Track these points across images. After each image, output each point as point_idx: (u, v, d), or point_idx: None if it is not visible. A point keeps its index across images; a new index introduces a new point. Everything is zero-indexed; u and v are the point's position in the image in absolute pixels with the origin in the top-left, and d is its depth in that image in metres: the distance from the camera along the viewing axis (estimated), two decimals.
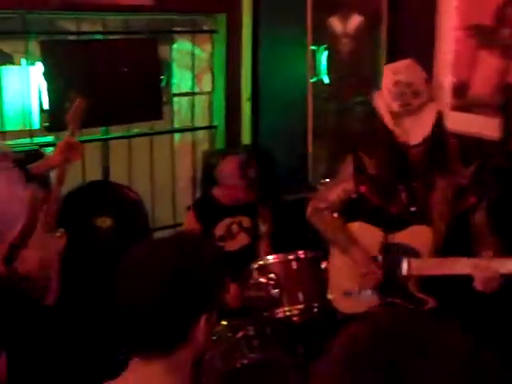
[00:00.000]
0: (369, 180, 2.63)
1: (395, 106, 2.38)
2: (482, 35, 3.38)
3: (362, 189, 2.66)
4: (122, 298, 1.43)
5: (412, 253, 2.53)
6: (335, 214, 2.81)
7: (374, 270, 2.56)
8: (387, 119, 2.40)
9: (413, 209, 2.56)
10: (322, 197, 2.83)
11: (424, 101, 2.36)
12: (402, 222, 2.57)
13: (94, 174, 4.04)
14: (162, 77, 4.28)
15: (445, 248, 2.48)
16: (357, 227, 2.71)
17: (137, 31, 4.18)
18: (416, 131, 2.35)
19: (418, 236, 2.54)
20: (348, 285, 2.68)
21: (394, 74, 2.41)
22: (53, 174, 3.06)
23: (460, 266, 2.37)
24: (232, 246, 3.59)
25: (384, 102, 2.43)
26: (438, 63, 3.55)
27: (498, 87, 3.26)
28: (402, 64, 2.46)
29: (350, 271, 2.66)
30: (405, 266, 2.51)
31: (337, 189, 2.76)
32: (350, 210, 2.78)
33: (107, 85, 3.84)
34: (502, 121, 2.96)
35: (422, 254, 2.53)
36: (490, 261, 2.32)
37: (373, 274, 2.56)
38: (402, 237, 2.56)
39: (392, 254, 2.56)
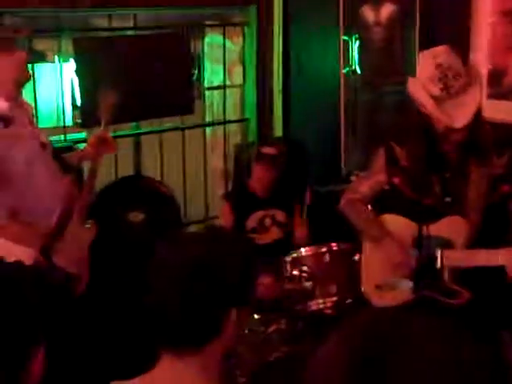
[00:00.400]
0: (401, 171, 2.59)
1: (436, 90, 2.33)
2: None
3: (396, 180, 2.62)
4: (152, 294, 1.42)
5: (446, 244, 2.48)
6: (368, 206, 2.78)
7: (407, 260, 2.52)
8: (429, 105, 2.34)
9: (447, 199, 2.51)
10: (354, 188, 2.80)
11: (464, 84, 2.32)
12: (435, 214, 2.52)
13: (127, 170, 4.06)
14: (193, 71, 4.28)
15: (480, 239, 2.43)
16: (390, 219, 2.67)
17: (167, 26, 4.18)
18: (459, 114, 2.30)
19: (452, 227, 2.49)
20: (380, 278, 2.64)
21: (434, 57, 2.36)
22: (86, 168, 3.08)
23: (493, 256, 2.31)
24: (264, 238, 3.58)
25: (423, 88, 2.37)
26: (474, 51, 3.48)
27: None
28: (440, 48, 2.41)
29: (383, 264, 2.62)
30: (439, 257, 2.46)
31: (369, 180, 2.72)
32: (383, 201, 2.74)
33: (139, 80, 3.85)
34: None
35: (456, 246, 2.48)
36: None
37: (406, 264, 2.52)
38: (435, 228, 2.51)
39: (426, 246, 2.51)
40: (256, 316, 2.96)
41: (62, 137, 3.89)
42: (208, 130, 4.53)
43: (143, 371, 1.44)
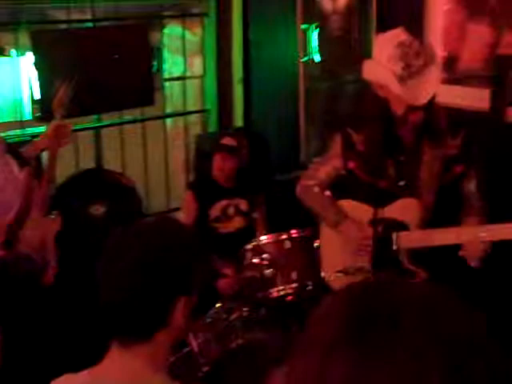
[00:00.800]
0: (357, 156, 2.61)
1: (398, 69, 2.33)
2: (470, 6, 3.35)
3: (351, 165, 2.64)
4: (101, 287, 1.43)
5: (401, 226, 2.51)
6: (325, 191, 2.79)
7: (366, 243, 2.55)
8: (391, 83, 2.33)
9: (401, 183, 2.54)
10: (311, 174, 2.81)
11: (423, 62, 2.34)
12: (390, 197, 2.55)
13: (88, 162, 4.03)
14: (152, 62, 4.26)
15: (434, 219, 2.47)
16: (346, 204, 2.69)
17: (126, 17, 4.15)
18: (421, 91, 2.31)
19: (406, 209, 2.52)
20: (340, 263, 2.67)
21: (394, 37, 2.37)
22: (45, 160, 3.06)
23: (446, 235, 2.36)
24: (228, 227, 3.60)
25: (383, 69, 2.36)
26: (428, 37, 3.52)
27: (488, 59, 3.23)
28: (397, 30, 2.42)
29: (342, 249, 2.65)
30: (394, 239, 2.50)
31: (326, 166, 2.73)
32: (340, 187, 2.76)
33: (98, 72, 3.83)
34: (492, 92, 2.93)
35: (411, 227, 2.52)
36: (474, 228, 2.31)
37: (366, 247, 2.55)
38: (390, 211, 2.54)
39: (382, 228, 2.54)
40: (218, 304, 2.97)
41: (21, 131, 3.85)
42: (169, 121, 4.52)
43: (93, 363, 1.45)
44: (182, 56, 4.43)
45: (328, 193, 2.79)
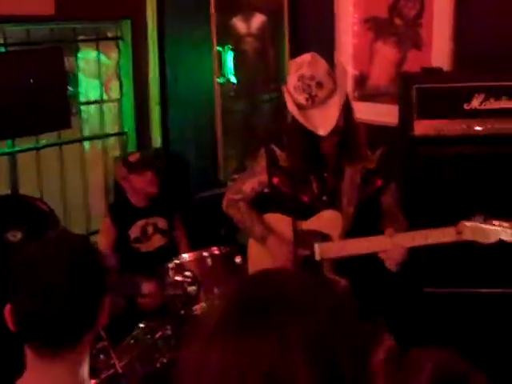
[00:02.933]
0: (281, 171, 2.68)
1: (302, 99, 2.41)
2: (377, 27, 3.51)
3: (275, 181, 2.70)
4: (24, 299, 1.41)
5: (324, 238, 2.59)
6: (250, 206, 2.84)
7: (289, 257, 2.61)
8: (296, 113, 2.42)
9: (324, 198, 2.62)
10: (236, 189, 2.85)
11: (329, 92, 2.40)
12: (313, 211, 2.62)
13: (3, 188, 3.94)
14: (68, 86, 4.22)
15: (355, 230, 2.55)
16: (271, 218, 2.76)
17: (39, 42, 4.11)
18: (323, 122, 2.38)
19: (327, 221, 2.60)
20: None
21: (297, 68, 2.44)
22: None
23: (361, 244, 2.45)
24: (148, 247, 3.61)
25: (291, 96, 2.45)
26: (339, 56, 3.66)
27: (394, 77, 3.39)
28: (305, 58, 2.48)
29: (268, 262, 2.69)
30: (317, 250, 2.57)
31: (252, 181, 2.79)
32: (265, 201, 2.82)
33: (12, 97, 3.77)
34: (399, 107, 3.07)
35: (333, 238, 2.59)
36: (389, 236, 2.41)
37: (289, 261, 2.61)
38: (312, 223, 2.62)
39: (305, 241, 2.62)
40: (141, 325, 2.95)
41: None
42: (87, 145, 4.48)
43: (16, 377, 1.43)
44: (98, 80, 4.41)
45: (250, 207, 2.83)
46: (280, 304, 0.77)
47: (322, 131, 2.40)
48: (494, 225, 2.32)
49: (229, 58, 4.16)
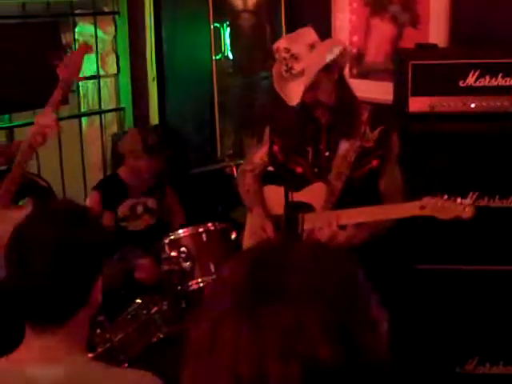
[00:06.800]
0: (280, 141, 2.72)
1: (282, 70, 2.50)
2: (374, 3, 3.49)
3: (275, 148, 2.75)
4: (18, 273, 1.44)
5: (308, 209, 2.62)
6: (257, 176, 2.87)
7: (264, 229, 2.64)
8: (275, 83, 2.52)
9: (316, 170, 2.64)
10: (248, 159, 2.94)
11: (302, 68, 2.46)
12: (306, 182, 2.65)
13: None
14: None
15: (340, 206, 2.57)
16: (268, 189, 2.81)
17: (35, 15, 4.09)
18: (294, 94, 2.46)
19: (314, 193, 2.63)
20: None
21: (278, 41, 2.54)
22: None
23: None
24: (135, 226, 3.58)
25: (275, 68, 2.55)
26: (336, 33, 3.65)
27: (390, 53, 3.38)
28: (292, 33, 2.55)
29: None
30: (300, 221, 2.60)
31: (260, 151, 2.84)
32: (268, 173, 2.87)
33: (8, 72, 3.76)
34: (394, 84, 3.06)
35: (316, 210, 2.62)
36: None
37: (263, 233, 2.64)
38: (301, 195, 2.65)
39: (292, 211, 2.65)
40: (138, 300, 2.98)
41: None
42: (84, 121, 4.48)
43: (10, 350, 1.46)
44: (94, 55, 4.39)
45: (256, 177, 2.86)
46: (293, 281, 0.77)
47: (291, 102, 2.48)
48: (455, 202, 2.35)
49: (226, 35, 4.14)
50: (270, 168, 2.85)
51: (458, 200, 2.37)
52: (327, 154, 2.62)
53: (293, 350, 0.71)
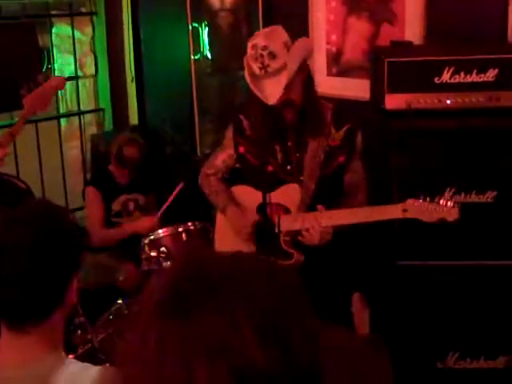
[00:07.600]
0: (247, 141, 2.70)
1: (256, 69, 2.46)
2: (350, 2, 3.50)
3: (241, 149, 2.73)
4: None
5: (285, 210, 2.62)
6: (220, 179, 2.86)
7: (246, 230, 2.64)
8: (249, 82, 2.48)
9: (288, 167, 2.65)
10: (210, 163, 2.89)
11: (283, 64, 2.43)
12: (278, 182, 2.65)
13: None
14: (42, 62, 4.19)
15: (313, 205, 2.58)
16: (238, 190, 2.78)
17: (11, 17, 4.07)
18: (272, 92, 2.43)
19: (288, 194, 2.63)
20: (231, 247, 2.74)
21: (252, 39, 2.50)
22: None
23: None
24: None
25: (247, 66, 2.51)
26: (313, 31, 3.66)
27: (367, 51, 3.40)
28: (266, 29, 2.54)
29: (233, 234, 2.72)
30: (277, 222, 2.60)
31: (222, 154, 2.82)
32: (235, 173, 2.85)
33: None
34: (371, 82, 3.08)
35: (292, 211, 2.62)
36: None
37: (245, 231, 2.64)
38: (275, 196, 2.65)
39: (268, 212, 2.65)
40: (119, 301, 2.98)
41: None
42: (63, 122, 4.46)
43: None
44: (72, 56, 4.38)
45: (220, 180, 2.85)
46: (223, 284, 0.76)
47: (270, 100, 2.44)
48: (439, 204, 2.36)
49: (204, 34, 4.14)
50: (238, 166, 2.83)
51: (442, 201, 2.37)
52: (298, 154, 2.63)
53: (221, 351, 0.70)
